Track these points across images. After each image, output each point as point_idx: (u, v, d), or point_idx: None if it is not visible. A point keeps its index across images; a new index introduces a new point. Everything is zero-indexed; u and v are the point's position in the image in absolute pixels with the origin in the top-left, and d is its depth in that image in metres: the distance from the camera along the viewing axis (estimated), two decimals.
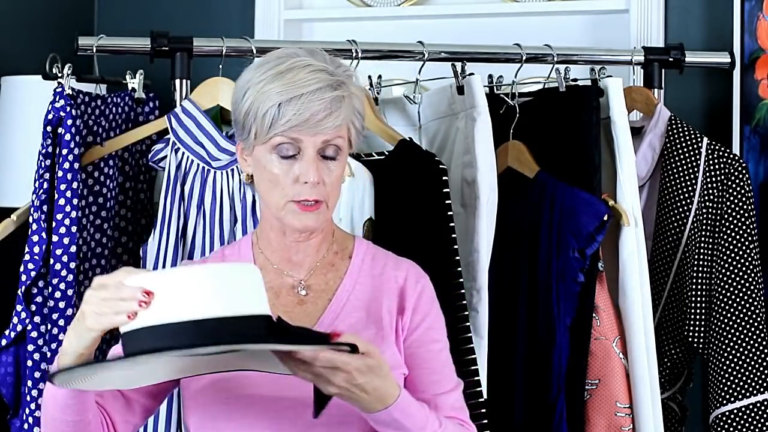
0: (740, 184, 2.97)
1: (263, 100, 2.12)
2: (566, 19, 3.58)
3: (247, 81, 2.16)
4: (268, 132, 2.13)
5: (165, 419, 2.72)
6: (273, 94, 2.12)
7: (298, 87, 2.11)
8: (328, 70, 2.14)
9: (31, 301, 2.75)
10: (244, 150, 2.20)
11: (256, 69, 2.17)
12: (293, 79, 2.12)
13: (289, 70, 2.13)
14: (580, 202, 2.80)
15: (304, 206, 2.14)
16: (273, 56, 2.18)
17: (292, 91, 2.11)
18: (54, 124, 2.75)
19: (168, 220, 2.76)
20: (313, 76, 2.12)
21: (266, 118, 2.12)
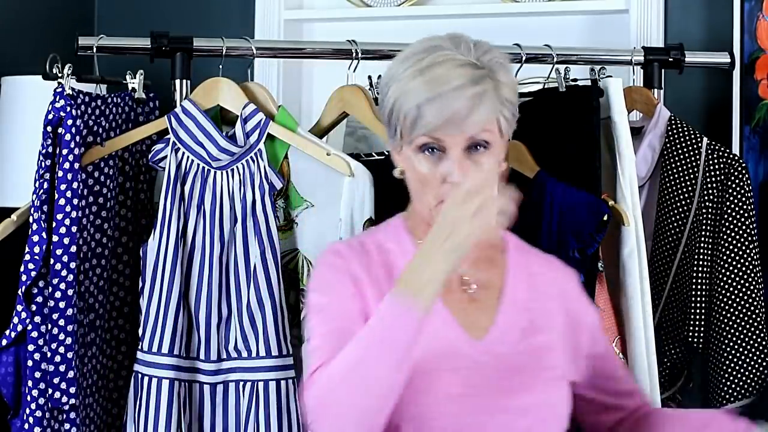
0: (740, 184, 2.97)
1: (405, 99, 2.07)
2: (566, 19, 3.59)
3: (391, 76, 2.11)
4: (412, 132, 2.07)
5: (165, 419, 2.72)
6: (414, 93, 2.06)
7: (439, 85, 2.04)
8: (472, 62, 2.07)
9: (32, 301, 2.75)
10: (393, 145, 2.15)
11: (402, 63, 2.10)
12: (434, 76, 2.05)
13: (431, 67, 2.06)
14: (579, 202, 2.80)
15: None
16: (418, 48, 2.10)
17: (432, 90, 2.05)
18: (54, 124, 2.75)
19: (168, 220, 2.76)
20: (455, 72, 2.05)
21: (408, 118, 2.07)
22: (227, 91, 2.83)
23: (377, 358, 1.95)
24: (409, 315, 1.95)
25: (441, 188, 2.08)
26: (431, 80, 2.05)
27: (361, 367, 1.95)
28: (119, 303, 2.92)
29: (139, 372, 2.76)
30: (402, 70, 2.09)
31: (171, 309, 2.73)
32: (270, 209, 2.75)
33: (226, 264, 2.75)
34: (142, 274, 2.78)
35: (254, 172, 2.76)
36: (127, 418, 2.79)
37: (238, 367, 2.74)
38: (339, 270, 2.14)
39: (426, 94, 2.05)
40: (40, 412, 2.74)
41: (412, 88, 2.06)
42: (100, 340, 2.86)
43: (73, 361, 2.73)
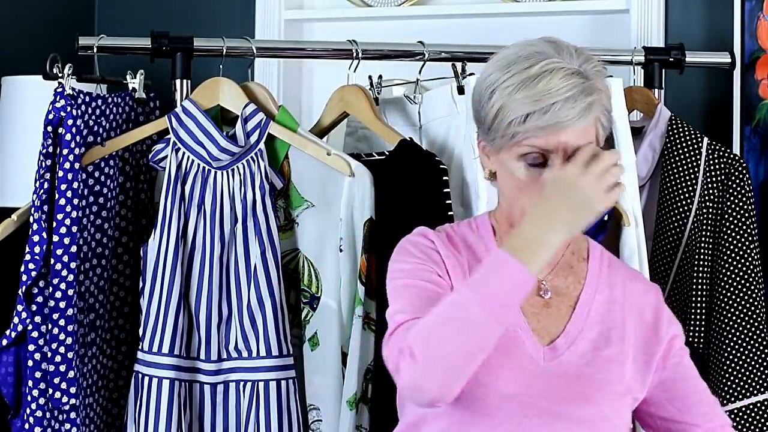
0: (740, 184, 2.97)
1: (513, 107, 2.05)
2: (566, 19, 3.58)
3: (493, 82, 2.09)
4: (514, 139, 2.06)
5: (166, 419, 2.72)
6: (522, 104, 2.04)
7: (550, 96, 2.04)
8: (580, 71, 2.07)
9: (32, 301, 2.75)
10: (486, 148, 2.14)
11: (503, 70, 2.08)
12: (545, 87, 2.04)
13: (540, 77, 2.05)
14: None
15: None
16: (521, 54, 2.09)
17: (543, 101, 2.04)
18: (54, 124, 2.75)
19: (168, 220, 2.76)
20: (565, 82, 2.05)
21: (512, 126, 2.06)
22: (227, 91, 2.83)
23: (481, 302, 1.96)
24: (519, 269, 1.97)
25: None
26: (542, 91, 2.05)
27: (463, 310, 1.96)
28: (119, 303, 2.92)
29: (140, 372, 2.76)
30: (508, 77, 2.08)
31: (171, 309, 2.73)
32: (270, 209, 2.75)
33: (226, 264, 2.76)
34: (142, 274, 2.78)
35: (255, 172, 2.76)
36: (128, 418, 2.79)
37: (239, 367, 2.74)
38: (425, 247, 2.16)
39: (537, 104, 2.04)
40: (41, 412, 2.74)
41: (521, 98, 2.05)
42: (100, 340, 2.86)
43: (74, 361, 2.73)
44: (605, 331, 2.17)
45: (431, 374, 1.97)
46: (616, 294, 2.21)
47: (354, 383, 2.69)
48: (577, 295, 2.19)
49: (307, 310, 2.79)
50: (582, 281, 2.20)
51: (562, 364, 2.13)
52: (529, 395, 2.10)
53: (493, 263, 2.00)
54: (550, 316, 2.17)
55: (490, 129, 2.10)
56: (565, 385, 2.12)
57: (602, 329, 2.17)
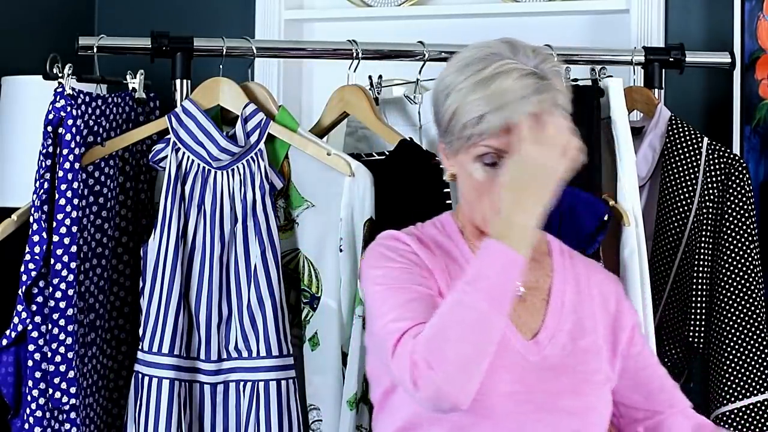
0: (740, 184, 2.97)
1: (467, 109, 2.07)
2: (566, 19, 3.58)
3: (449, 84, 2.10)
4: (470, 141, 2.08)
5: (166, 419, 2.72)
6: (476, 105, 2.06)
7: (504, 96, 2.05)
8: (535, 71, 2.08)
9: (32, 301, 2.75)
10: (446, 150, 2.15)
11: (458, 72, 2.10)
12: (498, 88, 2.05)
13: (494, 77, 2.06)
14: (580, 202, 2.80)
15: None
16: (476, 56, 2.10)
17: (497, 101, 2.05)
18: (54, 124, 2.75)
19: (168, 220, 2.76)
20: (519, 83, 2.06)
21: (468, 128, 2.07)
22: (227, 91, 2.83)
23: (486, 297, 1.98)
24: (514, 256, 2.00)
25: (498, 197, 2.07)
26: (496, 91, 2.06)
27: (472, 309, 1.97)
28: (119, 303, 2.91)
29: (140, 372, 2.76)
30: (462, 79, 2.09)
31: (171, 309, 2.73)
32: (270, 209, 2.75)
33: (226, 264, 2.75)
34: (142, 274, 2.78)
35: (255, 172, 2.76)
36: (128, 418, 2.79)
37: (239, 367, 2.74)
38: (404, 251, 2.15)
39: (490, 105, 2.06)
40: (41, 412, 2.74)
41: (475, 98, 2.07)
42: (100, 340, 2.86)
43: (74, 361, 2.73)
44: (579, 322, 2.19)
45: (453, 380, 1.96)
46: (582, 284, 2.23)
47: (354, 383, 2.69)
48: (548, 289, 2.20)
49: (307, 310, 2.79)
50: (550, 274, 2.22)
51: (547, 358, 2.14)
52: (524, 392, 2.11)
53: (487, 255, 2.00)
54: (528, 312, 2.18)
55: (446, 131, 2.12)
56: (554, 378, 2.13)
57: (576, 320, 2.19)
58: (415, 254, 2.15)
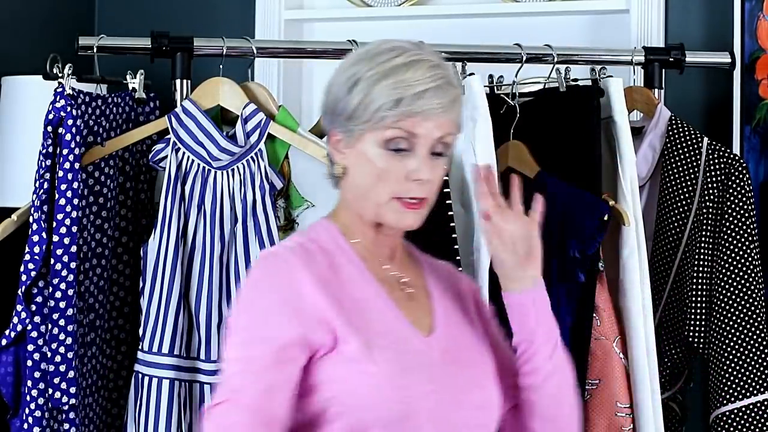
0: (740, 184, 2.97)
1: (379, 94, 2.07)
2: (566, 19, 3.58)
3: (354, 74, 2.10)
4: (381, 125, 2.07)
5: (166, 419, 2.72)
6: (392, 89, 2.06)
7: (420, 84, 2.07)
8: (442, 65, 2.11)
9: (32, 301, 2.75)
10: (341, 141, 2.13)
11: (366, 61, 2.10)
12: (414, 75, 2.07)
13: (407, 65, 2.08)
14: (580, 202, 2.80)
15: (409, 204, 2.09)
16: (382, 49, 2.11)
17: (413, 87, 2.07)
18: (54, 124, 2.75)
19: (168, 220, 2.76)
20: (432, 72, 2.08)
21: (380, 113, 2.07)
22: (228, 91, 2.83)
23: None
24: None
25: (400, 185, 2.09)
26: (410, 78, 2.07)
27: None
28: (119, 303, 2.91)
29: (140, 372, 2.76)
30: (369, 68, 2.09)
31: (171, 309, 2.73)
32: (270, 209, 2.75)
33: (226, 264, 2.75)
34: (142, 274, 2.78)
35: (255, 172, 2.76)
36: (128, 418, 2.79)
37: None
38: (286, 295, 2.07)
39: (408, 90, 2.07)
40: (40, 412, 2.74)
41: (388, 83, 2.07)
42: (100, 340, 2.86)
43: (73, 361, 2.73)
44: (459, 315, 2.21)
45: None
46: (443, 279, 2.25)
47: None
48: (425, 285, 2.21)
49: None
50: (422, 272, 2.23)
51: (448, 352, 2.14)
52: (439, 389, 2.09)
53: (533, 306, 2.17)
54: (419, 309, 2.17)
55: (351, 117, 2.10)
56: (458, 373, 2.13)
57: (456, 313, 2.20)
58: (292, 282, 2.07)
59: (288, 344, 2.02)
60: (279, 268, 2.08)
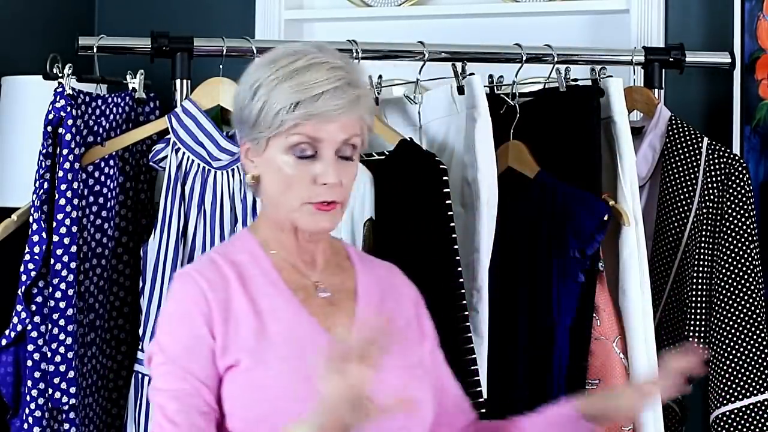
0: (740, 184, 2.97)
1: (279, 98, 2.07)
2: (566, 19, 3.58)
3: (256, 80, 2.10)
4: (282, 130, 2.07)
5: None
6: (290, 93, 2.06)
7: (318, 85, 2.06)
8: (344, 67, 2.10)
9: (32, 301, 2.75)
10: (250, 150, 2.13)
11: (267, 66, 2.10)
12: (312, 77, 2.07)
13: (306, 68, 2.07)
14: (580, 201, 2.80)
15: (321, 207, 2.09)
16: (282, 53, 2.11)
17: (311, 90, 2.06)
18: (54, 124, 2.75)
19: (168, 220, 2.76)
20: (332, 74, 2.07)
21: (280, 117, 2.07)
22: (228, 91, 2.83)
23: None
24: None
25: (309, 190, 2.09)
26: (309, 80, 2.07)
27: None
28: (119, 303, 2.91)
29: (140, 372, 2.76)
30: (270, 73, 2.09)
31: None
32: None
33: None
34: (142, 274, 2.78)
35: None
36: (128, 418, 2.79)
37: None
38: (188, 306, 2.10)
39: (305, 93, 2.07)
40: (40, 412, 2.74)
41: (287, 87, 2.07)
42: (100, 340, 2.86)
43: (73, 361, 2.73)
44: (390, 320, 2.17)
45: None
46: (385, 284, 2.24)
47: None
48: (353, 289, 2.20)
49: None
50: (353, 276, 2.22)
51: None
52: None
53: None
54: (339, 312, 2.16)
55: (255, 124, 2.10)
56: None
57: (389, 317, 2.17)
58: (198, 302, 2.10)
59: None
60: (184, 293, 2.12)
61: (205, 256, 2.21)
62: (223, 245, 2.26)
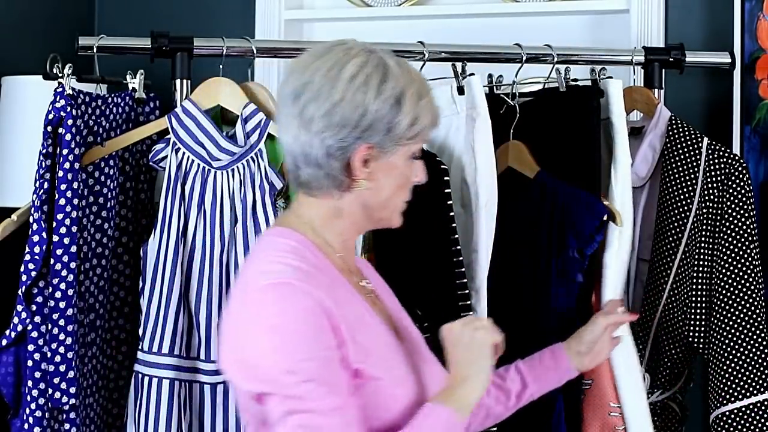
0: (740, 184, 2.97)
1: (424, 113, 2.14)
2: (566, 19, 3.59)
3: (399, 90, 2.11)
4: (417, 137, 2.15)
5: (166, 419, 2.72)
6: (431, 107, 2.16)
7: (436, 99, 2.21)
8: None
9: (32, 301, 2.75)
10: (371, 156, 2.12)
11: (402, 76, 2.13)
12: (431, 91, 2.18)
13: (426, 83, 2.18)
14: (579, 202, 2.80)
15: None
16: (405, 64, 2.16)
17: (435, 104, 2.18)
18: (54, 124, 2.75)
19: (168, 220, 2.76)
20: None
21: (425, 130, 2.16)
22: (228, 91, 2.83)
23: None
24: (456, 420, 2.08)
25: (410, 189, 2.21)
26: (432, 95, 2.18)
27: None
28: (119, 303, 2.92)
29: (140, 372, 2.76)
30: (409, 85, 2.13)
31: (171, 309, 2.73)
32: (270, 209, 2.75)
33: (226, 264, 2.76)
34: (142, 274, 2.78)
35: (255, 172, 2.76)
36: (128, 418, 2.79)
37: None
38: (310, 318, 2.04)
39: (435, 108, 2.18)
40: (40, 412, 2.74)
41: (427, 102, 2.16)
42: (100, 340, 2.86)
43: (73, 361, 2.73)
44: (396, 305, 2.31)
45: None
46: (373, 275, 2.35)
47: None
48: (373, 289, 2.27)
49: None
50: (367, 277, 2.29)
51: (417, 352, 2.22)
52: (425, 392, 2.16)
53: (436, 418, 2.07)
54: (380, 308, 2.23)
55: (393, 134, 2.12)
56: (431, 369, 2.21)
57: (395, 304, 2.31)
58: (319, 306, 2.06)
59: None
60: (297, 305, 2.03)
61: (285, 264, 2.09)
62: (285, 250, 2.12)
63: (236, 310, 2.09)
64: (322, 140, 2.10)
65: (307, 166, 2.12)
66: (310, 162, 2.12)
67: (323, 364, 2.01)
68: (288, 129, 2.13)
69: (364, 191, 2.14)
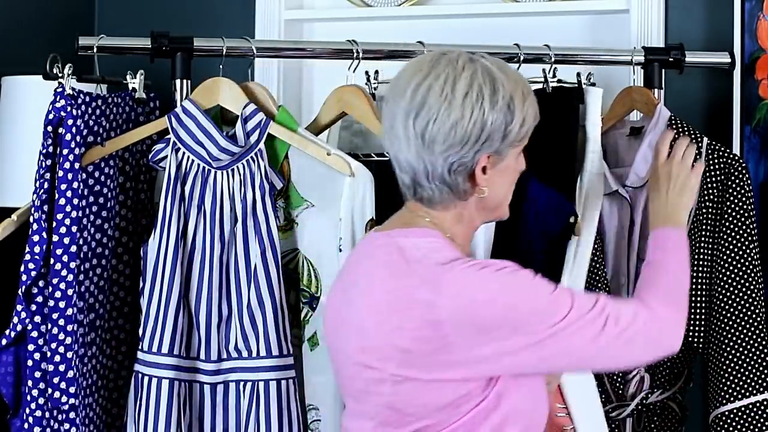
0: (740, 184, 2.97)
1: (530, 113, 2.27)
2: (566, 19, 3.58)
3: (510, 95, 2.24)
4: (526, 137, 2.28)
5: (165, 419, 2.73)
6: (534, 105, 2.28)
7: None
8: None
9: (32, 300, 2.75)
10: (490, 163, 2.26)
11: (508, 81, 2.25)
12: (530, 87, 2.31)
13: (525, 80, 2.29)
14: (549, 201, 2.80)
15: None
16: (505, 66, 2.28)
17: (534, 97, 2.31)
18: (54, 124, 2.75)
19: (168, 220, 2.76)
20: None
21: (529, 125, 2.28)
22: (227, 91, 2.83)
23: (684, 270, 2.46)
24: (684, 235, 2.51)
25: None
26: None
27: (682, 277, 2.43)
28: (119, 303, 2.92)
29: (140, 372, 2.76)
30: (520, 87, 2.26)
31: (171, 309, 2.73)
32: (270, 209, 2.75)
33: (226, 264, 2.76)
34: (142, 274, 2.78)
35: (254, 172, 2.76)
36: (128, 418, 2.79)
37: (239, 367, 2.74)
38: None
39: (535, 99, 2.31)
40: (40, 412, 2.74)
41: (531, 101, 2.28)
42: (100, 340, 2.86)
43: (73, 361, 2.73)
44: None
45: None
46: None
47: None
48: None
49: (307, 309, 2.79)
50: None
51: None
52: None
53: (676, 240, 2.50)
54: None
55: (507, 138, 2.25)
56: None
57: None
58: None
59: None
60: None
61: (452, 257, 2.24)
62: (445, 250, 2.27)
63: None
64: (445, 159, 2.23)
65: (430, 183, 2.26)
66: (434, 179, 2.25)
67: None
68: (408, 149, 2.25)
69: (485, 196, 2.28)
